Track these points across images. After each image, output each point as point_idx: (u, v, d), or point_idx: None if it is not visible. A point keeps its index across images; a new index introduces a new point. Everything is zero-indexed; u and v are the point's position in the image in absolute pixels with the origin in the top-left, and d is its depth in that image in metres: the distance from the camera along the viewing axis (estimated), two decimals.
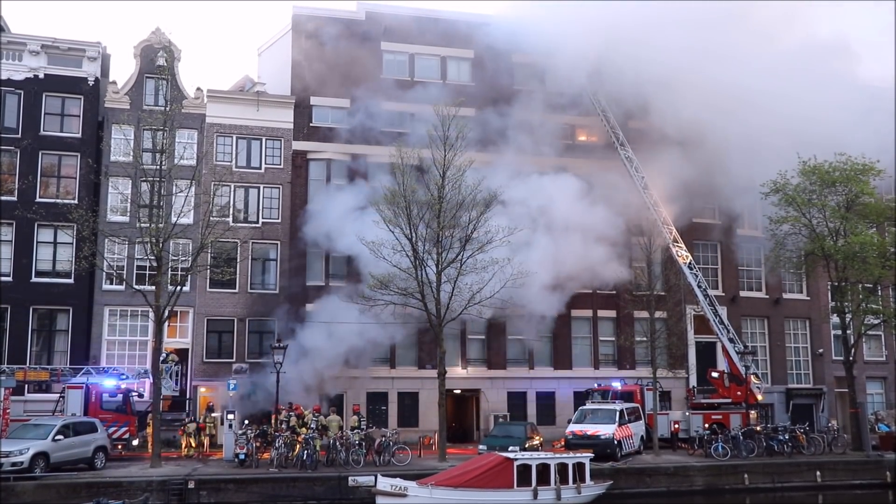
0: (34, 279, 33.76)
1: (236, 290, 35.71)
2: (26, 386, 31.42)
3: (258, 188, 36.96)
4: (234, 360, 34.80)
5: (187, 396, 34.55)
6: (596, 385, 36.15)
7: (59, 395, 30.65)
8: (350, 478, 24.81)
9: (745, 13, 38.71)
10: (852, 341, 35.87)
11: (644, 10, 37.48)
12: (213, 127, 36.61)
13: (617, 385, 35.45)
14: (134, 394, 31.55)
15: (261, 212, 36.86)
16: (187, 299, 34.14)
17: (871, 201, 35.92)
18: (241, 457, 27.61)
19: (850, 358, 35.82)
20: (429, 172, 30.92)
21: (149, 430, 29.37)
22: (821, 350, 42.43)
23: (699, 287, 36.88)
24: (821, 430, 36.96)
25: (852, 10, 41.56)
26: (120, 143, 33.16)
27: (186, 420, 31.12)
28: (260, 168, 37.17)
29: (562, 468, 24.90)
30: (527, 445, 29.61)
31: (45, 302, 33.83)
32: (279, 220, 36.85)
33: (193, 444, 30.22)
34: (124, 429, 29.98)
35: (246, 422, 30.06)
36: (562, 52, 38.84)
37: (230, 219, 35.04)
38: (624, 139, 38.52)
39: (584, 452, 26.51)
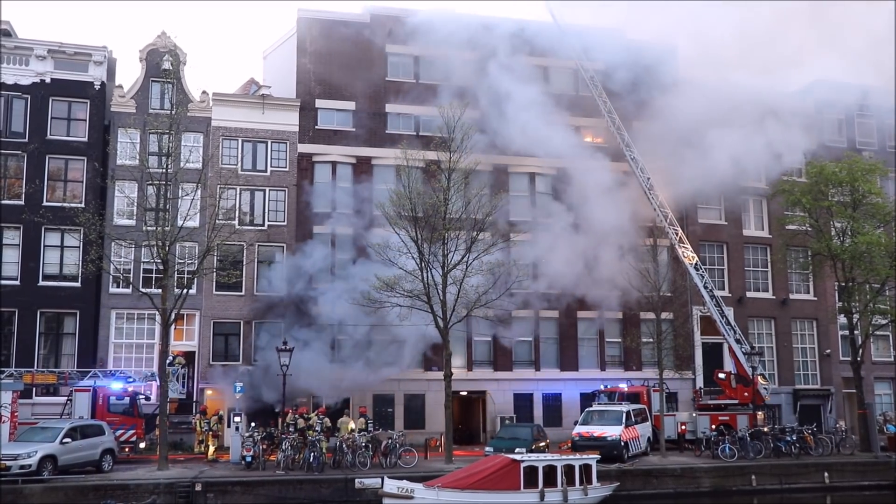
0: (41, 283, 33.90)
1: (242, 293, 35.74)
2: (34, 389, 31.48)
3: (264, 191, 37.02)
4: (240, 362, 34.84)
5: (194, 399, 34.62)
6: (602, 386, 36.11)
7: (66, 398, 30.75)
8: (356, 480, 24.76)
9: None
10: (860, 342, 35.74)
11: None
12: (218, 130, 36.70)
13: (623, 386, 35.41)
14: (141, 397, 31.57)
15: (266, 214, 36.89)
16: (194, 302, 34.19)
17: (879, 201, 35.81)
18: (248, 459, 27.66)
19: (858, 358, 35.68)
20: (435, 175, 30.92)
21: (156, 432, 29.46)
22: (828, 351, 42.28)
23: (705, 288, 36.77)
24: (828, 431, 36.82)
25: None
26: (126, 147, 33.23)
27: (213, 419, 31.16)
28: (265, 171, 37.24)
29: (568, 470, 24.86)
30: (533, 447, 29.56)
31: (53, 305, 33.95)
32: (285, 223, 36.89)
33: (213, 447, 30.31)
34: (131, 431, 30.03)
35: (253, 424, 30.09)
36: (570, 51, 39.10)
37: (236, 222, 35.08)
38: (629, 140, 38.43)
39: (591, 454, 26.42)
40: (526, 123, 38.44)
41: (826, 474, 30.60)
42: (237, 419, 29.72)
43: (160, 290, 28.50)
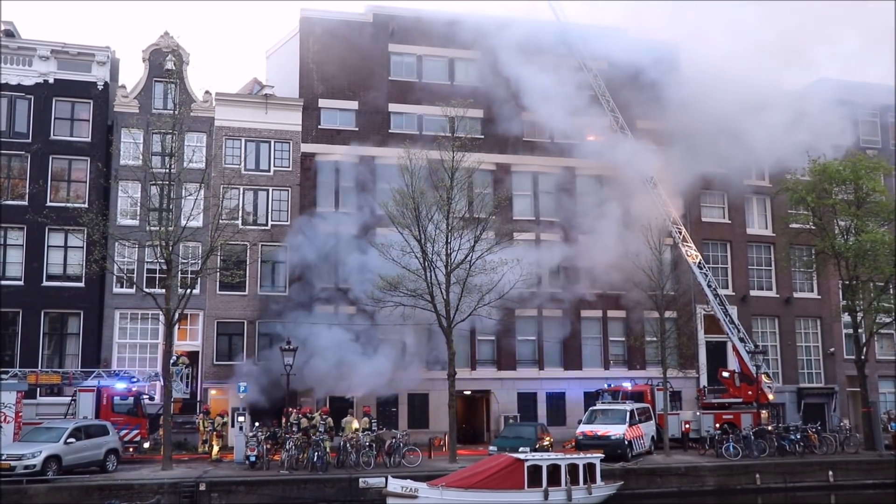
0: (45, 283, 33.93)
1: (246, 293, 35.76)
2: (38, 389, 31.49)
3: (267, 190, 37.03)
4: (243, 362, 34.86)
5: (198, 399, 34.65)
6: (606, 385, 36.05)
7: (70, 398, 30.77)
8: (360, 479, 24.81)
9: None
10: (864, 340, 35.68)
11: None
12: (221, 130, 36.72)
13: (627, 385, 35.35)
14: (145, 397, 31.65)
15: (270, 214, 36.91)
16: (197, 302, 34.19)
17: (883, 199, 35.73)
18: (252, 459, 27.69)
19: (862, 357, 35.62)
20: (437, 174, 30.92)
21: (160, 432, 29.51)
22: (832, 349, 42.22)
23: (709, 286, 36.76)
24: (833, 429, 36.82)
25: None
26: (129, 147, 33.21)
27: (217, 419, 31.25)
28: (269, 170, 37.25)
29: (572, 469, 24.84)
30: (537, 446, 29.57)
31: (57, 306, 33.98)
32: (288, 223, 36.90)
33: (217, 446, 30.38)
34: (135, 431, 30.03)
35: (256, 424, 30.13)
36: (574, 50, 39.14)
37: (239, 221, 35.00)
38: (632, 138, 38.35)
39: (595, 453, 26.46)
40: (527, 122, 38.46)
41: (830, 473, 30.58)
42: (241, 419, 29.75)
43: (164, 290, 28.51)
